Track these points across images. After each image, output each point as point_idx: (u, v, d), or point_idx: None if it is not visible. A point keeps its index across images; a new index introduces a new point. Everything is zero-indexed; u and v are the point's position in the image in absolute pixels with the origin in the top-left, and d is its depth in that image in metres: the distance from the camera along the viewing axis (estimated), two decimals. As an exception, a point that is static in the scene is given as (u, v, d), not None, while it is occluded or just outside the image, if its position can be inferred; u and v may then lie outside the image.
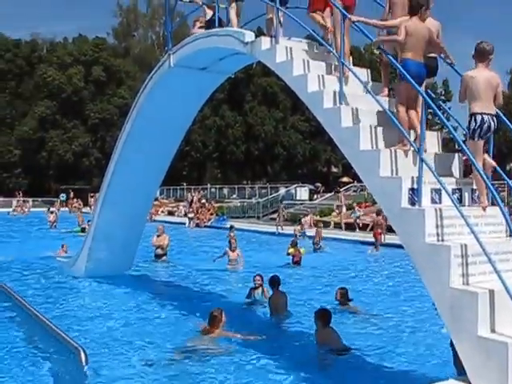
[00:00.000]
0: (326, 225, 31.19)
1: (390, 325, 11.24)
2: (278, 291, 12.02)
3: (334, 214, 33.97)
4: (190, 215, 39.49)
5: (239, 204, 46.61)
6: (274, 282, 12.06)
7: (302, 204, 41.93)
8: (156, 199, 40.75)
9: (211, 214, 40.42)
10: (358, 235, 27.85)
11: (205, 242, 27.00)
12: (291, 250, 19.75)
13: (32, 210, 52.24)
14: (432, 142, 8.42)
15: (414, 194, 6.84)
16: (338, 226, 31.52)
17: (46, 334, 9.62)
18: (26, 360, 8.77)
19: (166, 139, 14.99)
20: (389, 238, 22.52)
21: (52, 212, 36.17)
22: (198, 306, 12.52)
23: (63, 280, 16.28)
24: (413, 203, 6.83)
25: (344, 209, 31.23)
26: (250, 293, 13.18)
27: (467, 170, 7.98)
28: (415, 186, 6.87)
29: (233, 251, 18.70)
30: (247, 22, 12.37)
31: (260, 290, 13.00)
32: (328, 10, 9.76)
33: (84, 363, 8.04)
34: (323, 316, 9.25)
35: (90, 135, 72.68)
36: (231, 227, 25.00)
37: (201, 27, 12.69)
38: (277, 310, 11.70)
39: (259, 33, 11.20)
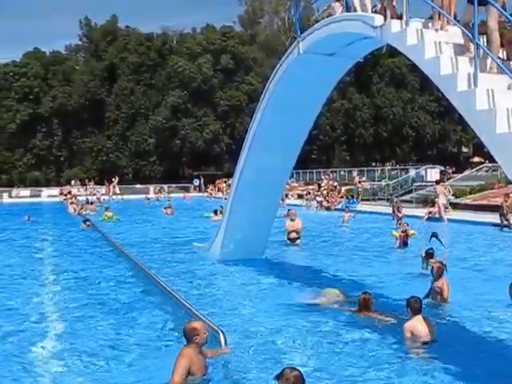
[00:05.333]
0: (457, 207, 30.53)
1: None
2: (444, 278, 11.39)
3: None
4: (319, 198, 39.65)
5: (369, 186, 46.24)
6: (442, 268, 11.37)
7: (432, 186, 40.91)
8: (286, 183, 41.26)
9: (341, 197, 40.37)
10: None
11: (336, 226, 27.03)
12: (395, 233, 19.53)
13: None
14: None
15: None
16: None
17: (187, 317, 9.94)
18: (167, 342, 9.20)
19: (297, 125, 15.12)
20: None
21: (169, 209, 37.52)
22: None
23: (199, 264, 16.82)
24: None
25: (443, 200, 29.30)
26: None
27: None
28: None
29: None
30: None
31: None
32: None
33: (224, 345, 8.31)
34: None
35: (220, 122, 74.32)
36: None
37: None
38: (442, 296, 11.24)
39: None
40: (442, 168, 49.52)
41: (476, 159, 62.48)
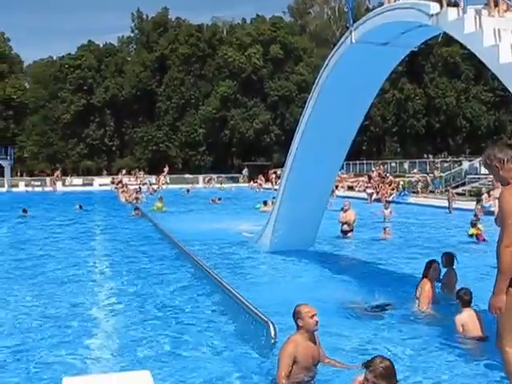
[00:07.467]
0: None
1: None
2: (452, 270, 11.03)
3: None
4: (369, 190, 39.22)
5: (421, 179, 45.59)
6: (451, 259, 10.98)
7: (486, 178, 40.09)
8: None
9: (392, 189, 39.84)
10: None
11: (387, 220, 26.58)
12: (472, 231, 18.63)
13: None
14: None
15: None
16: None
17: (236, 307, 9.88)
18: (216, 333, 9.13)
19: (349, 116, 14.87)
20: None
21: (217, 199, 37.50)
22: (384, 282, 12.38)
23: (249, 254, 16.80)
24: None
25: (497, 194, 27.77)
26: None
27: None
28: None
29: None
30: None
31: None
32: None
33: (273, 337, 8.20)
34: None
35: (270, 112, 74.25)
36: None
37: None
38: (448, 288, 10.86)
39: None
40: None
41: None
